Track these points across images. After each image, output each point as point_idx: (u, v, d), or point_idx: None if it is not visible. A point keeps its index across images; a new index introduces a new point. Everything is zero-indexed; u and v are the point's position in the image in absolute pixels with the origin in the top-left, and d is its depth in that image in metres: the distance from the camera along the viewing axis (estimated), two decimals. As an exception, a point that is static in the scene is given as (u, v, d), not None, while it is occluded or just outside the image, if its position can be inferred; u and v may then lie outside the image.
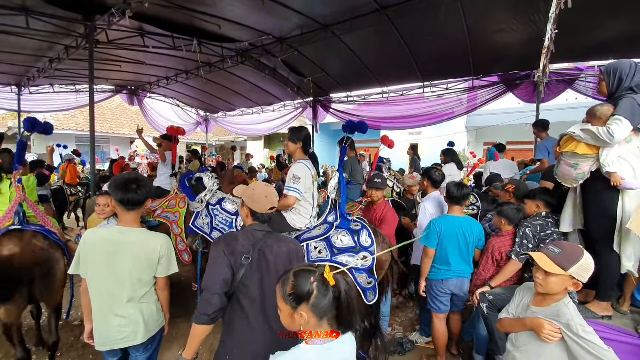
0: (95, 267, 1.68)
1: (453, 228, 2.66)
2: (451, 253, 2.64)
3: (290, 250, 1.66)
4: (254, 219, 1.67)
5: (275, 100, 9.40)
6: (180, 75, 8.29)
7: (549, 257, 1.51)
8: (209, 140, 14.21)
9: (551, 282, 1.50)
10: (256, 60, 6.88)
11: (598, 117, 2.23)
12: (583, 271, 1.46)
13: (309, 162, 2.62)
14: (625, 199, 2.20)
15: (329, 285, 1.08)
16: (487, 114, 10.39)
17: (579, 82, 5.68)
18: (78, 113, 13.49)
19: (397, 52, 5.82)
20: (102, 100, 10.11)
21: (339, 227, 2.53)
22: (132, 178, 1.73)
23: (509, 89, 6.16)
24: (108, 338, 1.71)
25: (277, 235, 1.74)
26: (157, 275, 1.79)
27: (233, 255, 1.51)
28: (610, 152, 2.16)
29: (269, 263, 1.56)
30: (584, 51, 5.15)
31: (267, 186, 1.71)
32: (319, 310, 1.08)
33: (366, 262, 2.41)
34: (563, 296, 1.53)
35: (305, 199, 2.57)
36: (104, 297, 1.70)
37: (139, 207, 1.76)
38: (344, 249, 2.43)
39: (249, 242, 1.57)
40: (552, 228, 2.47)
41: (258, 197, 1.65)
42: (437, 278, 2.71)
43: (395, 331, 3.46)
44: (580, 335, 1.41)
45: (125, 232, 1.73)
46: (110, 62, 7.10)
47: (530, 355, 1.58)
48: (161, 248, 1.76)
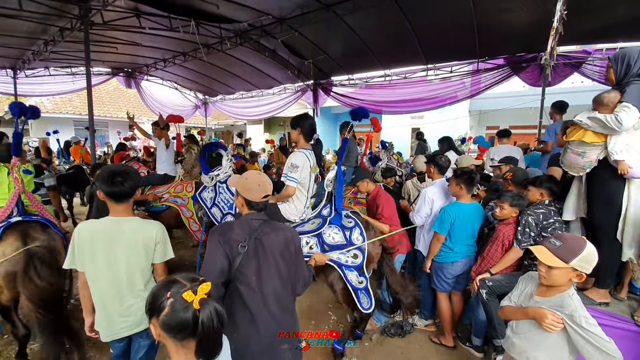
0: (94, 259, 1.68)
1: (465, 215, 2.76)
2: (462, 238, 2.78)
3: (287, 238, 1.67)
4: (249, 208, 1.67)
5: (276, 83, 9.24)
6: (178, 58, 8.11)
7: (550, 251, 1.51)
8: (208, 124, 14.06)
9: (554, 275, 1.51)
10: (255, 41, 6.71)
11: (605, 105, 2.19)
12: (586, 263, 1.46)
13: (310, 152, 2.58)
14: (631, 188, 2.19)
15: (190, 307, 0.98)
16: (491, 97, 10.20)
17: (586, 65, 5.54)
18: (75, 97, 13.29)
19: (401, 33, 5.65)
20: (99, 84, 9.94)
21: (331, 223, 2.52)
22: (118, 171, 1.71)
23: (514, 72, 6.02)
24: (112, 329, 1.74)
25: (274, 223, 1.75)
26: (154, 261, 1.81)
27: (228, 245, 1.52)
28: (618, 140, 2.14)
29: (266, 250, 1.58)
30: (593, 33, 4.99)
31: (260, 175, 1.70)
32: (170, 329, 0.99)
33: (357, 260, 2.42)
34: (567, 287, 1.54)
35: (301, 190, 2.55)
36: (105, 288, 1.71)
37: (128, 199, 1.74)
38: (335, 246, 2.44)
39: (244, 231, 1.58)
40: (554, 217, 2.47)
41: (251, 186, 1.65)
42: (447, 261, 2.84)
43: (395, 314, 3.54)
44: (583, 327, 1.43)
45: (119, 222, 1.73)
46: (106, 43, 6.93)
47: (530, 343, 1.61)
48: (156, 235, 1.78)
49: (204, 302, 1.00)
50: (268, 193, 1.67)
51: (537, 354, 1.59)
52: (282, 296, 1.61)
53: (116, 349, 1.84)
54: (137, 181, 1.75)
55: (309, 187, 2.60)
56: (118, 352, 1.85)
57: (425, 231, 3.08)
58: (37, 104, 12.96)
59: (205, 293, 1.02)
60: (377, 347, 3.00)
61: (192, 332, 0.98)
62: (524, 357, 1.63)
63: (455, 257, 2.83)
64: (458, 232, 2.77)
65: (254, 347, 1.32)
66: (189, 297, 0.99)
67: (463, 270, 2.85)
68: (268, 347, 1.54)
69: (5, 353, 2.88)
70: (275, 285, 1.59)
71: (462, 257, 2.83)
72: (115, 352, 1.85)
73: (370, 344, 3.04)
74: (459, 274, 2.87)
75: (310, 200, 2.67)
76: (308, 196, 2.62)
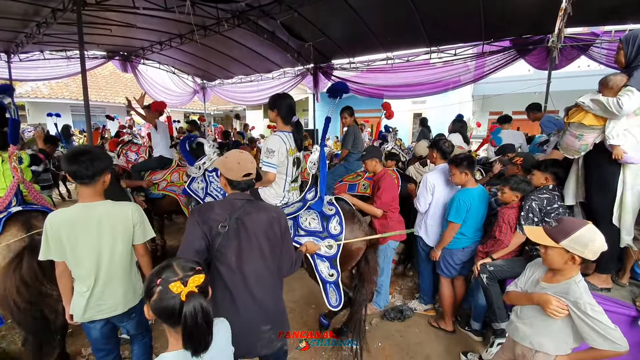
0: (73, 246, 1.65)
1: (476, 200, 2.74)
2: (474, 223, 2.78)
3: (272, 218, 1.63)
4: (232, 188, 1.64)
5: (275, 67, 9.03)
6: (175, 40, 7.89)
7: (544, 230, 1.53)
8: (207, 109, 13.87)
9: (549, 255, 1.52)
10: (254, 23, 6.50)
11: (610, 88, 2.14)
12: (577, 244, 1.43)
13: (287, 134, 2.49)
14: (626, 173, 2.17)
15: (177, 298, 0.98)
16: (494, 82, 10.02)
17: (594, 48, 5.38)
18: (71, 81, 13.08)
19: (403, 14, 5.46)
20: (94, 68, 9.73)
21: (310, 208, 2.44)
22: (83, 151, 1.67)
23: (520, 55, 5.85)
24: (93, 311, 1.74)
25: (259, 203, 1.71)
26: (135, 242, 1.80)
27: (207, 224, 1.50)
28: (617, 125, 2.10)
29: (248, 231, 1.55)
30: (602, 14, 4.80)
31: (241, 153, 1.66)
32: (158, 314, 1.02)
33: (331, 250, 2.31)
34: (574, 274, 1.52)
35: (279, 173, 2.48)
36: (89, 275, 1.70)
37: (93, 182, 1.68)
38: (309, 232, 2.35)
39: (226, 210, 1.55)
40: (558, 202, 2.45)
41: (231, 165, 1.62)
42: (458, 247, 2.83)
43: (395, 299, 3.57)
44: (589, 314, 1.42)
45: (91, 207, 1.70)
46: (99, 25, 6.73)
47: (534, 328, 1.61)
48: (133, 216, 1.76)
49: (191, 296, 0.99)
50: (249, 171, 1.63)
51: (540, 339, 1.58)
52: (264, 277, 1.59)
53: (94, 332, 1.81)
54: (104, 164, 1.70)
55: (287, 171, 2.51)
56: (97, 336, 1.83)
57: (428, 217, 3.05)
58: (33, 89, 12.80)
59: (197, 285, 1.01)
60: (377, 331, 3.03)
61: (179, 321, 0.98)
62: (527, 342, 1.63)
63: (466, 242, 2.82)
64: (471, 218, 2.74)
65: (235, 328, 1.31)
66: (176, 289, 0.98)
67: (471, 256, 2.85)
68: (248, 328, 1.54)
69: (9, 337, 2.92)
70: (258, 266, 1.57)
71: (472, 242, 2.82)
72: (94, 336, 1.82)
73: (370, 328, 3.07)
74: (467, 260, 2.86)
75: (290, 184, 2.59)
76: (287, 180, 2.55)
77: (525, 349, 1.64)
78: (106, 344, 1.89)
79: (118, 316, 1.82)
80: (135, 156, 4.92)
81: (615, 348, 1.39)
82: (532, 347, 1.60)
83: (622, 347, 1.38)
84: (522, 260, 2.53)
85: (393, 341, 2.90)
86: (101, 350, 1.90)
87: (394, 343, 2.87)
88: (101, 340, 1.86)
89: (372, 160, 3.12)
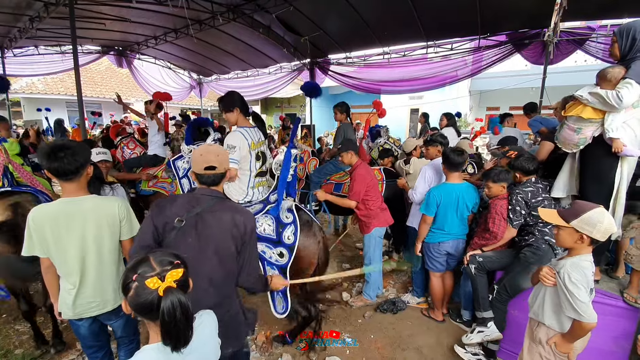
0: (57, 242, 1.61)
1: (451, 196, 2.75)
2: (449, 219, 2.79)
3: (236, 220, 1.51)
4: (199, 182, 1.57)
5: (271, 62, 8.99)
6: (170, 35, 7.84)
7: (557, 212, 1.62)
8: (204, 105, 13.82)
9: (561, 235, 1.62)
10: (249, 17, 6.46)
11: (608, 80, 2.13)
12: (586, 224, 1.51)
13: (249, 129, 2.47)
14: (624, 166, 2.18)
15: (154, 293, 0.95)
16: (491, 77, 9.99)
17: (590, 42, 5.37)
18: (67, 77, 13.00)
19: (400, 7, 5.43)
20: (89, 63, 9.65)
21: (269, 213, 2.33)
22: (61, 145, 1.58)
23: (517, 49, 5.84)
24: (77, 309, 1.70)
25: (228, 202, 1.62)
26: (121, 238, 1.75)
27: (162, 218, 1.45)
28: (616, 118, 2.10)
29: (207, 229, 1.47)
30: (598, 8, 4.80)
31: (208, 145, 1.61)
32: (135, 310, 0.99)
33: (282, 259, 2.22)
34: (583, 252, 1.60)
35: (242, 169, 2.47)
36: (75, 272, 1.66)
37: (75, 177, 1.62)
38: (263, 238, 2.25)
39: (188, 205, 1.49)
40: (543, 194, 2.46)
41: (195, 157, 1.53)
42: (434, 241, 2.87)
43: (388, 292, 3.60)
44: (565, 283, 1.53)
45: (76, 202, 1.64)
46: (93, 19, 6.67)
47: (538, 301, 1.75)
48: (119, 211, 1.72)
49: (168, 292, 0.95)
50: (211, 164, 1.51)
51: (545, 310, 1.69)
52: (218, 278, 1.51)
53: (83, 329, 1.78)
54: (85, 157, 1.64)
55: (251, 166, 2.51)
56: (86, 333, 1.79)
57: (416, 207, 3.10)
58: (28, 84, 12.70)
59: (175, 280, 0.97)
60: (370, 324, 3.06)
61: (157, 315, 0.96)
62: (535, 313, 1.76)
63: (443, 237, 2.83)
64: (444, 213, 2.77)
65: None
66: (153, 285, 0.95)
67: (453, 251, 2.85)
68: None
69: (4, 331, 2.93)
70: (212, 266, 1.48)
71: (450, 238, 2.82)
72: (83, 333, 1.79)
73: (363, 321, 3.10)
74: (450, 254, 2.87)
75: (255, 180, 2.58)
76: (251, 175, 2.54)
77: (533, 322, 1.78)
78: (96, 341, 1.86)
79: (106, 314, 1.78)
80: (130, 153, 4.90)
81: (581, 319, 1.50)
82: (537, 318, 1.74)
83: (586, 319, 1.49)
84: (511, 252, 2.55)
85: (385, 333, 2.92)
86: (91, 347, 1.86)
87: (386, 335, 2.89)
88: (90, 338, 1.83)
89: (347, 152, 3.13)
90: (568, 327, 1.60)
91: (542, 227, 2.39)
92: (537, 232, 2.40)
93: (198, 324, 1.14)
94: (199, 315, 1.19)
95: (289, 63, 8.83)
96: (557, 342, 1.64)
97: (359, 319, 3.12)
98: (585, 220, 1.51)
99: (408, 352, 2.69)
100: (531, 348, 1.78)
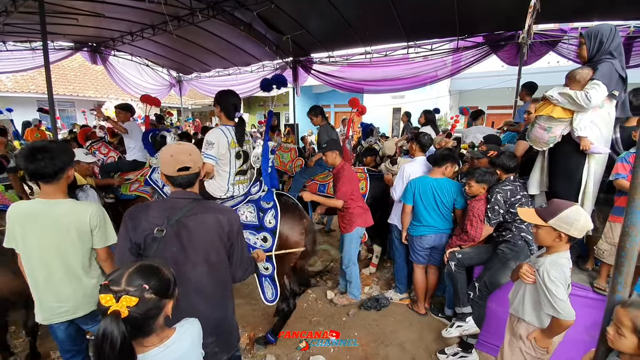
0: (23, 240, 1.59)
1: (427, 187, 2.86)
2: (428, 211, 2.89)
3: (220, 221, 1.45)
4: (173, 185, 1.46)
5: (254, 60, 8.87)
6: (147, 31, 7.58)
7: (535, 211, 1.65)
8: (185, 103, 13.50)
9: (539, 234, 1.65)
10: (229, 14, 6.34)
11: (577, 81, 2.22)
12: (564, 223, 1.55)
13: (229, 128, 2.51)
14: (591, 163, 2.28)
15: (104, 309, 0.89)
16: (470, 77, 10.27)
17: (562, 44, 5.60)
18: (38, 74, 12.35)
19: (380, 7, 5.48)
20: (61, 60, 9.22)
21: (250, 202, 2.48)
22: (40, 147, 1.54)
23: (493, 50, 6.01)
24: (50, 312, 1.67)
25: (207, 203, 1.54)
26: (94, 247, 1.71)
27: (137, 230, 1.34)
28: (584, 117, 2.19)
29: (191, 235, 1.39)
30: (570, 11, 5.01)
31: (178, 145, 1.48)
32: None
33: (266, 243, 2.33)
34: (561, 250, 1.63)
35: (221, 166, 2.51)
36: (37, 271, 1.63)
37: (54, 180, 1.58)
38: (245, 225, 2.37)
39: (164, 212, 1.38)
40: (521, 192, 2.54)
41: (164, 158, 1.41)
42: (416, 234, 2.97)
43: (372, 290, 3.63)
44: (544, 281, 1.56)
45: (50, 205, 1.60)
46: (65, 15, 6.36)
47: (519, 298, 1.78)
48: (91, 219, 1.65)
49: (111, 317, 0.87)
50: (184, 165, 1.40)
51: (525, 306, 1.73)
52: (208, 286, 1.45)
53: (60, 332, 1.74)
54: (65, 160, 1.59)
55: (230, 164, 2.55)
56: (63, 337, 1.76)
57: (399, 205, 3.17)
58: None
59: (129, 306, 0.90)
60: (354, 321, 3.08)
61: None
62: (516, 309, 1.80)
63: (424, 230, 2.91)
64: (421, 204, 2.88)
65: None
66: (105, 302, 0.89)
67: (436, 245, 2.93)
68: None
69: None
70: (201, 274, 1.43)
71: (431, 232, 2.90)
72: (60, 337, 1.76)
73: (347, 319, 3.12)
74: (432, 247, 2.95)
75: (236, 177, 2.62)
76: (231, 172, 2.57)
77: (513, 317, 1.83)
78: (73, 345, 1.82)
79: (82, 318, 1.74)
80: (103, 158, 4.70)
81: (559, 316, 1.54)
82: (517, 314, 1.78)
83: (564, 316, 1.53)
84: (488, 247, 2.63)
85: (369, 330, 2.95)
86: (68, 351, 1.83)
87: (370, 332, 2.92)
88: (67, 342, 1.79)
89: (332, 152, 3.15)
90: (547, 323, 1.65)
91: (520, 224, 2.48)
92: (514, 228, 2.48)
93: (179, 335, 1.09)
94: (180, 326, 1.14)
95: (272, 61, 8.74)
96: (537, 338, 1.69)
97: (343, 317, 3.14)
98: (563, 219, 1.55)
99: (391, 348, 2.72)
100: (512, 343, 1.82)
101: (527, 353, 1.74)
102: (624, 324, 1.13)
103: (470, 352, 2.56)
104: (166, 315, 1.03)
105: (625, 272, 1.20)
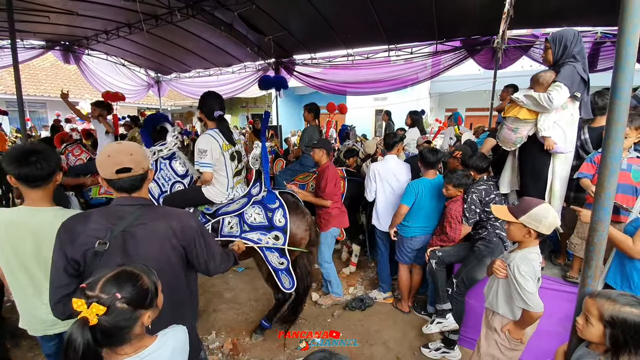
0: (3, 250, 1.50)
1: (429, 189, 2.90)
2: (425, 212, 2.93)
3: (173, 228, 1.30)
4: (116, 191, 1.29)
5: (235, 61, 8.76)
6: (123, 30, 7.33)
7: (507, 209, 1.71)
8: (163, 104, 13.16)
9: (511, 230, 1.71)
10: (209, 14, 6.24)
11: (540, 84, 2.33)
12: (533, 220, 1.61)
13: (216, 131, 2.47)
14: (555, 162, 2.39)
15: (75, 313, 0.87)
16: (450, 80, 10.55)
17: (534, 49, 5.86)
18: (6, 74, 11.73)
19: (361, 10, 5.55)
20: (31, 59, 8.77)
21: (255, 203, 2.49)
22: (31, 149, 1.47)
23: (470, 54, 6.22)
24: (39, 325, 1.60)
25: (159, 208, 1.44)
26: None
27: (74, 245, 1.19)
28: (548, 118, 2.30)
29: (141, 247, 1.25)
30: (541, 18, 5.25)
31: (117, 144, 1.32)
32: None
33: (278, 241, 2.42)
34: (531, 245, 1.70)
35: (217, 171, 2.47)
36: (22, 282, 1.55)
37: (45, 184, 1.51)
38: (255, 227, 2.42)
39: (108, 222, 1.24)
40: (494, 191, 2.64)
41: (101, 160, 1.25)
42: (407, 235, 2.99)
43: (357, 290, 3.65)
44: (515, 275, 1.63)
45: (34, 213, 1.51)
46: (35, 12, 6.07)
47: (493, 293, 1.84)
48: None
49: (78, 324, 0.85)
50: (123, 166, 1.24)
51: (498, 300, 1.80)
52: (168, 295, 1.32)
53: (47, 348, 1.67)
54: (55, 163, 1.53)
55: (227, 167, 2.50)
56: (50, 352, 1.68)
57: (378, 205, 3.26)
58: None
59: (98, 314, 0.87)
60: (339, 322, 3.09)
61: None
62: (490, 303, 1.86)
63: (414, 232, 2.96)
64: (421, 206, 2.91)
65: None
66: (77, 307, 0.86)
67: (422, 245, 2.98)
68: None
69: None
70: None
71: (420, 233, 2.96)
72: (47, 351, 1.68)
73: (333, 319, 3.12)
74: (419, 248, 3.00)
75: (233, 180, 2.58)
76: (229, 176, 2.53)
77: (488, 311, 1.90)
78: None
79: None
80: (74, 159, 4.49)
81: (528, 308, 1.61)
82: (492, 308, 1.84)
83: (533, 308, 1.61)
84: (467, 245, 2.71)
85: (354, 330, 2.96)
86: None
87: (355, 332, 2.94)
88: (55, 357, 1.69)
89: (320, 150, 3.18)
90: (519, 315, 1.72)
91: (494, 222, 2.56)
92: (489, 226, 2.57)
93: (160, 344, 1.05)
94: (163, 334, 1.10)
95: (254, 62, 8.66)
96: (511, 330, 1.76)
97: (328, 318, 3.14)
98: (532, 216, 1.62)
99: (375, 347, 2.75)
100: (488, 335, 1.89)
101: (502, 345, 1.81)
102: (591, 313, 1.19)
103: (452, 348, 2.62)
104: (144, 325, 0.99)
105: (594, 266, 1.26)
